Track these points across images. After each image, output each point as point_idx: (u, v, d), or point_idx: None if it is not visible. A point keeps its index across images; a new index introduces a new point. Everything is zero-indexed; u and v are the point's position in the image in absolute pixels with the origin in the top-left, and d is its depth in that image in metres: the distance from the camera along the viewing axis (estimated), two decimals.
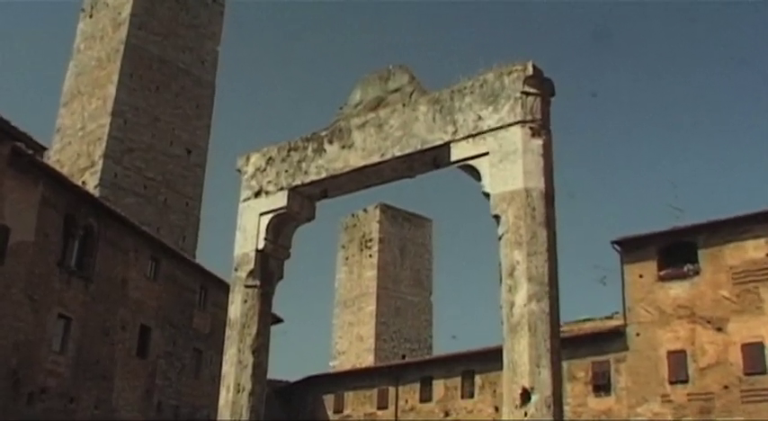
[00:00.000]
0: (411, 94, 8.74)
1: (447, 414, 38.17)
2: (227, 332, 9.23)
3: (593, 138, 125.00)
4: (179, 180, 49.06)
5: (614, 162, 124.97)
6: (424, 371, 40.28)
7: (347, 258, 66.61)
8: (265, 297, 9.32)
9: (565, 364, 29.77)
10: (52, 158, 47.45)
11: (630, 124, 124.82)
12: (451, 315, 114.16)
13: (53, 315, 27.06)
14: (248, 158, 9.96)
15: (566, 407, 27.89)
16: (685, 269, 30.55)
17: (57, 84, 62.20)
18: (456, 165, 8.12)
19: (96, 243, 29.58)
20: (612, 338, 31.97)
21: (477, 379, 37.24)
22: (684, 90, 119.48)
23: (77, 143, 47.90)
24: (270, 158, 9.71)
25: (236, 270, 9.43)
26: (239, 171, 10.00)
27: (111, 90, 47.50)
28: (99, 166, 45.54)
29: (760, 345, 28.22)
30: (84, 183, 43.38)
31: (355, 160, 8.89)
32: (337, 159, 9.05)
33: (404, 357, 59.12)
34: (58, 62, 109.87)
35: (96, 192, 41.68)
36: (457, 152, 8.07)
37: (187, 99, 51.01)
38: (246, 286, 9.25)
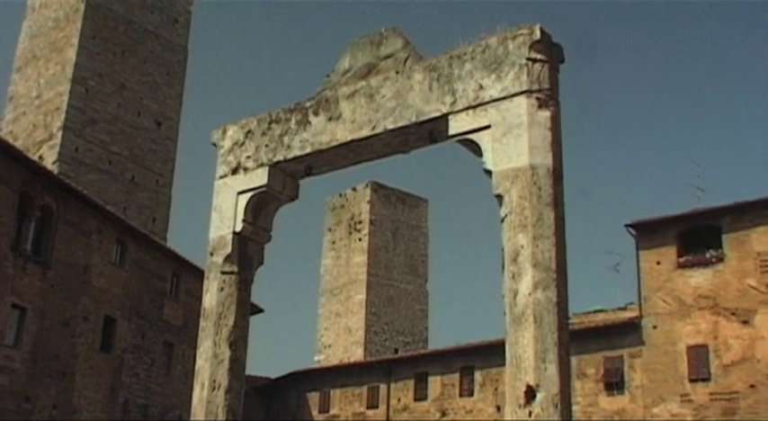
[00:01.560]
0: (405, 60, 8.74)
1: (444, 414, 38.36)
2: (202, 323, 9.26)
3: (606, 110, 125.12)
4: (148, 155, 48.95)
5: (630, 137, 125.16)
6: (418, 367, 40.43)
7: (334, 242, 66.64)
8: (244, 284, 9.35)
9: (574, 360, 29.97)
10: (4, 130, 47.31)
11: (649, 96, 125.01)
12: (449, 305, 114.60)
13: (6, 304, 27.04)
14: (225, 131, 9.95)
15: (574, 407, 28.09)
16: (708, 255, 30.68)
17: (8, 47, 61.79)
18: (455, 139, 8.13)
19: (55, 225, 29.54)
20: (626, 331, 32.13)
21: (477, 375, 37.41)
22: (708, 60, 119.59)
23: (33, 113, 47.70)
24: (249, 131, 9.71)
25: (211, 255, 9.44)
26: (215, 145, 9.99)
27: (71, 54, 47.26)
28: (58, 139, 45.39)
29: None
30: (41, 157, 43.25)
31: (343, 133, 8.90)
32: (323, 132, 9.06)
33: (396, 351, 59.33)
34: (9, 22, 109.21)
35: (55, 168, 41.57)
36: (456, 125, 8.08)
37: (156, 65, 50.81)
38: (223, 272, 9.28)
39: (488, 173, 7.69)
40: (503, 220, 7.49)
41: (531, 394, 6.84)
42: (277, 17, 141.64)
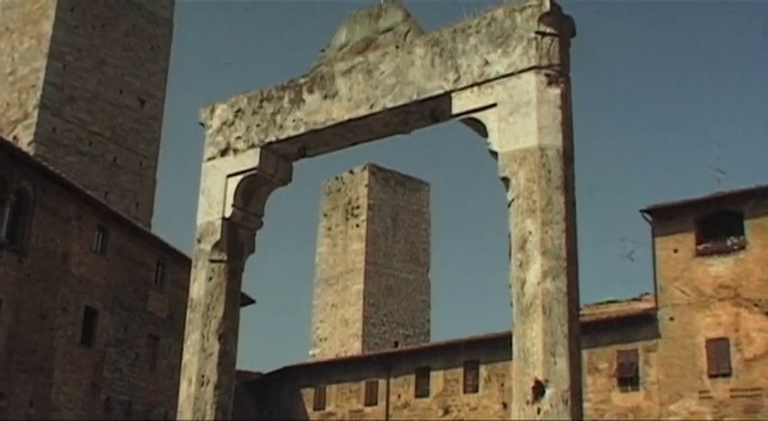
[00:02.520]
0: (406, 34, 8.74)
1: (447, 411, 38.49)
2: (189, 315, 9.28)
3: (620, 87, 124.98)
4: (131, 135, 48.89)
5: (646, 116, 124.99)
6: (420, 361, 40.53)
7: (330, 228, 66.68)
8: (233, 273, 9.37)
9: (585, 353, 30.04)
10: None
11: (667, 71, 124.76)
12: (453, 295, 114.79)
13: None
14: (213, 110, 9.95)
15: (586, 404, 28.16)
16: (729, 242, 30.72)
17: None
18: (458, 118, 8.14)
19: (31, 210, 29.54)
20: (641, 323, 32.20)
21: (483, 370, 37.51)
22: (731, 31, 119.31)
23: (6, 90, 47.60)
24: (239, 110, 9.71)
25: (198, 242, 9.46)
26: (202, 125, 9.99)
27: (47, 27, 47.11)
28: (34, 119, 45.30)
29: None
30: (15, 138, 43.19)
31: (339, 112, 8.90)
32: (318, 111, 9.06)
33: (396, 345, 59.45)
34: None
35: (31, 150, 41.52)
36: (459, 103, 8.08)
37: (139, 39, 50.66)
38: (211, 261, 9.29)
39: (494, 154, 7.70)
40: (509, 205, 7.51)
41: (539, 390, 6.87)
42: None
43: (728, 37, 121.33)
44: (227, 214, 9.33)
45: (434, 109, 8.48)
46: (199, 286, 9.27)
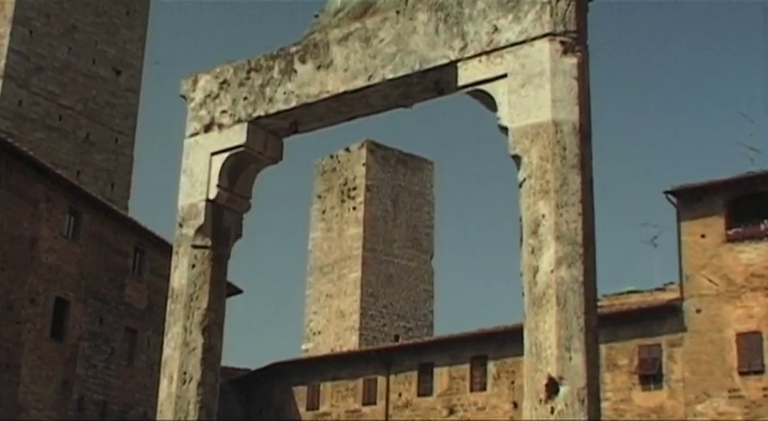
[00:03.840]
0: None
1: (452, 411, 38.62)
2: (170, 306, 9.31)
3: (642, 57, 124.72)
4: (105, 109, 48.86)
5: (670, 89, 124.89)
6: (422, 357, 40.64)
7: (324, 212, 66.74)
8: (219, 261, 9.38)
9: (603, 348, 30.13)
10: None
11: (693, 40, 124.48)
12: (458, 284, 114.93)
13: None
14: (196, 81, 9.95)
15: (604, 403, 28.28)
16: (762, 227, 30.76)
17: None
18: (464, 90, 8.13)
19: None
20: (665, 316, 32.28)
21: (491, 366, 37.62)
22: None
23: None
24: (224, 81, 9.71)
25: (180, 226, 9.47)
26: (184, 98, 9.99)
27: None
28: None
29: None
30: None
31: (335, 84, 8.90)
32: (311, 83, 9.06)
33: (397, 339, 59.60)
34: None
35: None
36: (466, 74, 8.08)
37: (114, 3, 50.56)
38: (194, 247, 9.31)
39: (504, 130, 7.70)
40: (521, 185, 7.52)
41: (553, 388, 6.89)
42: None
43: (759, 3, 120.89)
44: (212, 196, 9.34)
45: (438, 80, 8.48)
46: (180, 274, 9.28)
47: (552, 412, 6.88)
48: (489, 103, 7.95)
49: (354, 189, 65.13)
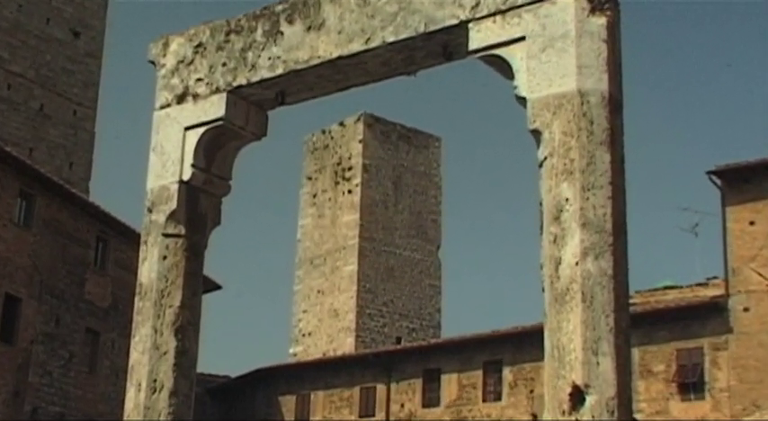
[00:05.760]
0: None
1: None
2: (138, 303, 9.33)
3: (683, 19, 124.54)
4: (62, 77, 48.86)
5: (714, 57, 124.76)
6: (428, 362, 40.75)
7: (315, 195, 66.81)
8: (194, 251, 9.41)
9: (636, 352, 30.22)
10: None
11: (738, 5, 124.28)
12: (469, 278, 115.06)
13: None
14: (167, 45, 9.96)
15: (638, 415, 28.34)
16: None
17: None
18: (477, 55, 8.15)
19: None
20: (708, 315, 32.34)
21: (507, 373, 37.72)
22: None
23: None
24: (199, 45, 9.71)
25: (149, 211, 9.49)
26: (153, 64, 10.01)
27: None
28: None
29: None
30: None
31: (327, 48, 8.91)
32: (300, 47, 9.07)
33: (399, 341, 59.78)
34: None
35: None
36: (478, 36, 8.09)
37: None
38: (165, 235, 9.33)
39: (522, 101, 7.72)
40: (541, 165, 7.53)
41: (578, 397, 6.93)
42: None
43: None
44: (186, 177, 9.35)
45: (446, 44, 8.49)
46: (150, 267, 9.31)
47: None
48: (505, 69, 7.97)
49: (350, 169, 65.16)
